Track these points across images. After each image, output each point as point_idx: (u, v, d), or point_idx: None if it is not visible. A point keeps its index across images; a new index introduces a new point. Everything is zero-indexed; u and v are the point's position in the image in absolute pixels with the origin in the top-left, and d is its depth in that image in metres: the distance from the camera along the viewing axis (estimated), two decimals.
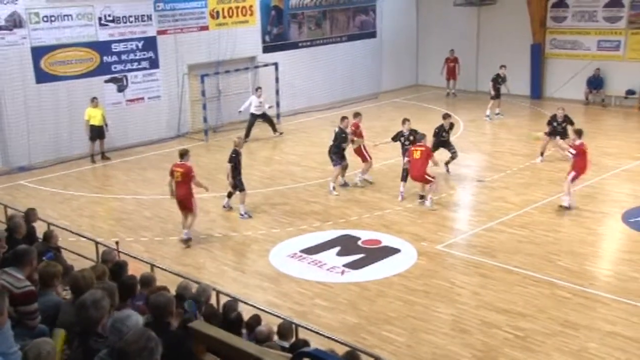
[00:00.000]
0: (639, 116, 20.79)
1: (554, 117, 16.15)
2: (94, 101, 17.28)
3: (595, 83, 22.19)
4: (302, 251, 11.61)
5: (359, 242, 11.92)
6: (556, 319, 9.10)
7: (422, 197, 13.67)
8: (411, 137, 14.27)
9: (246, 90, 21.36)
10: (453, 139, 16.06)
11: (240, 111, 19.49)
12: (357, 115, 15.49)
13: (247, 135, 18.95)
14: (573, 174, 13.09)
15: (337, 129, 14.70)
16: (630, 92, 21.56)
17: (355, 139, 14.84)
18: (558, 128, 15.90)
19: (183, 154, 12.07)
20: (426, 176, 13.43)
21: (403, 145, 14.52)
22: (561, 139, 15.21)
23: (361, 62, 24.50)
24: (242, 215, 13.18)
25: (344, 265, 11.01)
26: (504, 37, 23.80)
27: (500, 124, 20.36)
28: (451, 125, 15.68)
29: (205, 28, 20.19)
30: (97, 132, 17.35)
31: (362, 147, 14.97)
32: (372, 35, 24.89)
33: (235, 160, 13.07)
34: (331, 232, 12.40)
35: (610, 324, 8.95)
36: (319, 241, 12.00)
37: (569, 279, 10.20)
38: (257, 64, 21.40)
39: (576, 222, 12.52)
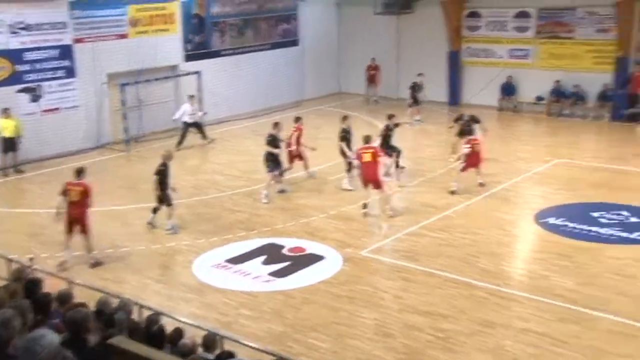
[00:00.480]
0: (548, 121, 21.78)
1: (460, 117, 17.37)
2: (5, 112, 16.67)
3: (508, 90, 23.12)
4: (227, 261, 11.56)
5: (284, 250, 11.98)
6: (475, 319, 9.43)
7: (365, 205, 13.52)
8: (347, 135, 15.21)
9: (169, 99, 21.10)
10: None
11: (174, 119, 19.34)
12: (298, 119, 16.08)
13: (180, 143, 18.79)
14: (464, 164, 14.50)
15: (268, 135, 14.72)
16: (540, 99, 22.59)
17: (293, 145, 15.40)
18: (465, 127, 16.62)
19: (80, 172, 11.55)
20: (380, 180, 13.38)
21: (349, 142, 15.13)
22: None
23: (284, 70, 24.63)
24: (168, 229, 12.91)
25: (269, 274, 11.03)
26: (423, 45, 24.47)
27: (421, 130, 20.90)
28: (396, 125, 16.12)
29: (124, 36, 19.82)
30: (9, 144, 16.73)
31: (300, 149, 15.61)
32: (295, 43, 25.08)
33: (162, 174, 12.81)
34: (256, 241, 12.40)
35: (524, 321, 9.35)
36: (244, 250, 11.98)
37: (487, 280, 10.59)
38: (179, 73, 21.16)
39: (493, 224, 13.01)
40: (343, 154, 15.28)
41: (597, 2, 20.86)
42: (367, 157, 13.44)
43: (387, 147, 15.51)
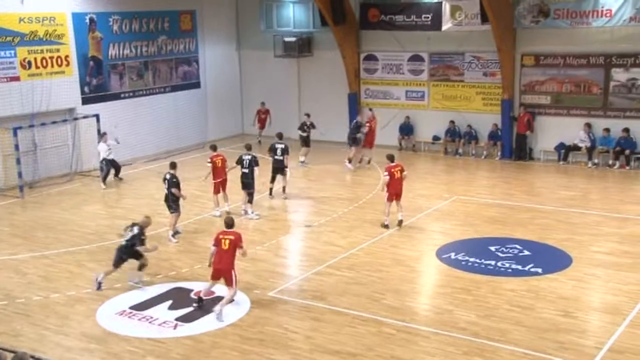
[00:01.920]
0: (445, 160, 22.78)
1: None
2: None
3: (406, 130, 24.03)
4: (132, 307, 11.23)
5: (191, 294, 11.77)
6: (383, 355, 9.61)
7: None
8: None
9: (66, 143, 20.43)
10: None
11: (100, 161, 19.46)
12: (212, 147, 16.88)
13: (104, 179, 19.24)
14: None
15: (168, 176, 14.56)
16: (436, 138, 23.63)
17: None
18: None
19: (231, 224, 11.19)
20: None
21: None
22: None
23: (186, 112, 24.51)
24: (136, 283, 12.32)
25: (176, 319, 10.80)
26: (323, 86, 25.10)
27: (324, 170, 21.25)
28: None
29: (16, 78, 19.11)
30: None
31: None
32: (196, 85, 25.05)
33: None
34: (162, 286, 12.13)
35: (430, 356, 9.62)
36: (149, 296, 11.69)
37: (393, 316, 10.84)
38: (77, 116, 20.57)
39: (397, 261, 13.37)
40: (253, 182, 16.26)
41: (482, 49, 22.22)
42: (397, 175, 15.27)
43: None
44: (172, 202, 14.55)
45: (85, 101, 21.07)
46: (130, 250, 12.09)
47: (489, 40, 21.48)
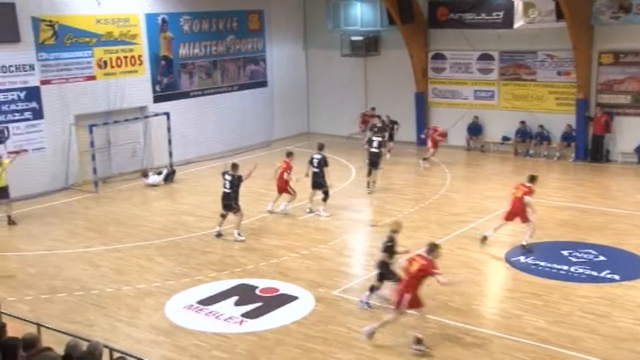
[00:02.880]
0: (514, 161, 22.22)
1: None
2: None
3: (475, 130, 23.58)
4: (199, 302, 11.42)
5: (256, 291, 11.88)
6: (448, 358, 9.43)
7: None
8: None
9: (137, 141, 21.03)
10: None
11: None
12: (289, 154, 16.63)
13: None
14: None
15: (229, 177, 14.73)
16: (506, 139, 23.08)
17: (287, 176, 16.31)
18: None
19: (432, 249, 9.83)
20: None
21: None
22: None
23: (253, 111, 24.79)
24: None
25: (241, 315, 10.92)
26: (390, 86, 24.91)
27: (390, 170, 21.08)
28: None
29: (92, 78, 19.77)
30: (2, 193, 15.88)
31: (288, 184, 16.23)
32: (263, 84, 25.30)
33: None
34: (228, 282, 12.29)
35: None
36: (216, 291, 11.85)
37: (459, 319, 10.63)
38: (148, 114, 21.13)
39: (463, 263, 13.12)
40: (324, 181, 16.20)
41: (556, 46, 21.57)
42: (517, 194, 13.63)
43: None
44: (235, 202, 14.57)
45: (157, 99, 21.60)
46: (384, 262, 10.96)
47: (563, 37, 20.81)
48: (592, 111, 21.40)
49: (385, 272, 10.98)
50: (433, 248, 9.80)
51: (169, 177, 19.89)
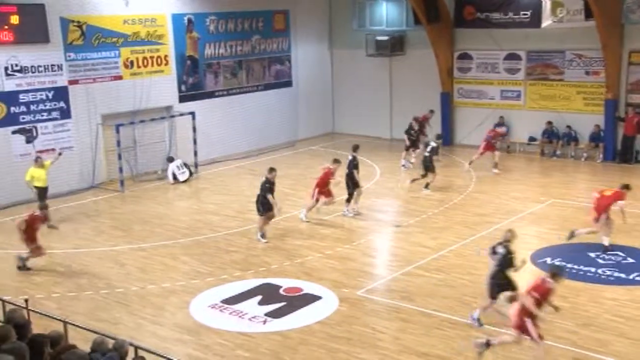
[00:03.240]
0: (541, 162, 21.94)
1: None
2: (38, 161, 16.02)
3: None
4: (223, 301, 11.45)
5: (280, 290, 11.89)
6: None
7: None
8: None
9: (163, 140, 21.19)
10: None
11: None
12: (336, 161, 16.14)
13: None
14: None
15: (263, 179, 14.61)
16: (532, 139, 22.81)
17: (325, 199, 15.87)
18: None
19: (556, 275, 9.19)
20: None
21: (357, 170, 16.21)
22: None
23: (278, 110, 24.83)
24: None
25: (265, 314, 10.93)
26: (415, 86, 24.78)
27: (414, 170, 20.93)
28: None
29: (118, 77, 19.96)
30: (43, 194, 15.88)
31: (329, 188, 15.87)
32: (288, 84, 25.33)
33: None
34: (252, 281, 12.31)
35: None
36: (240, 291, 11.88)
37: (485, 321, 10.50)
38: (174, 113, 21.28)
39: (489, 264, 12.95)
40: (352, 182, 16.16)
41: (585, 46, 21.27)
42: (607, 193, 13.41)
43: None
44: (262, 204, 14.53)
45: (182, 99, 21.73)
46: (501, 275, 10.31)
47: (592, 37, 20.52)
48: (621, 111, 21.05)
49: (502, 284, 10.21)
50: (557, 273, 9.13)
51: (188, 177, 20.09)
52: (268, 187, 14.51)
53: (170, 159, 20.23)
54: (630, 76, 20.85)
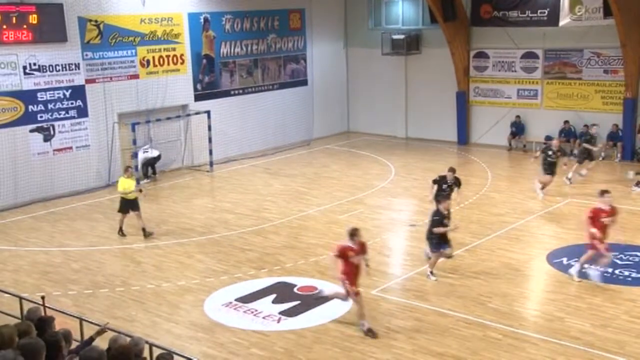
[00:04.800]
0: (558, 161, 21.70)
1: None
2: (128, 171, 15.07)
3: (517, 129, 23.18)
4: (237, 300, 11.47)
5: (295, 289, 11.89)
6: None
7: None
8: (452, 185, 13.99)
9: (178, 139, 21.28)
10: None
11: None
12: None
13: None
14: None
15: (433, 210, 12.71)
16: (549, 138, 22.54)
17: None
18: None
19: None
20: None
21: (442, 190, 13.85)
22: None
23: (293, 109, 24.85)
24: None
25: (279, 313, 10.93)
26: (431, 84, 24.68)
27: (429, 169, 20.86)
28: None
29: (135, 76, 20.07)
30: (131, 204, 14.87)
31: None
32: (304, 83, 25.33)
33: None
34: (266, 280, 12.32)
35: None
36: (254, 289, 11.90)
37: (500, 320, 10.45)
38: (189, 112, 21.36)
39: (504, 264, 12.90)
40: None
41: (604, 44, 21.06)
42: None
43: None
44: (431, 239, 12.38)
45: (198, 98, 21.82)
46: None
47: (611, 35, 20.32)
48: None
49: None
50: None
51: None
52: (436, 219, 12.30)
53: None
54: None
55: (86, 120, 19.03)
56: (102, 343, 7.17)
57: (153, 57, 20.50)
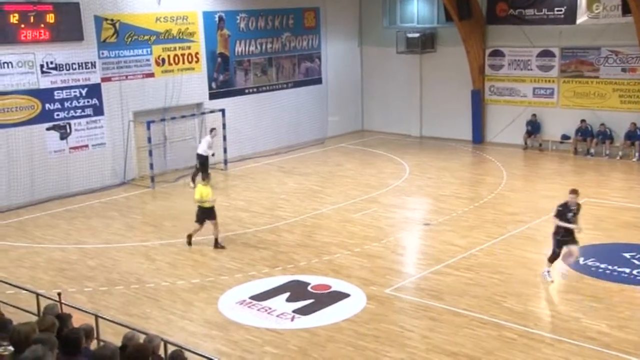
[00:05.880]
0: (574, 160, 21.58)
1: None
2: (206, 179, 14.53)
3: (533, 128, 23.02)
4: (251, 298, 11.49)
5: (309, 288, 11.88)
6: None
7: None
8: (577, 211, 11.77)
9: (192, 137, 21.35)
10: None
11: (212, 154, 19.06)
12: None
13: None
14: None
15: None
16: (565, 137, 22.45)
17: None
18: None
19: None
20: None
21: (568, 221, 11.66)
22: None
23: (307, 108, 24.84)
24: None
25: (293, 311, 10.93)
26: (446, 83, 24.57)
27: (444, 168, 20.79)
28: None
29: (150, 75, 20.15)
30: (207, 213, 14.04)
31: None
32: (318, 81, 25.32)
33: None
34: (280, 278, 12.33)
35: None
36: (268, 287, 11.91)
37: (515, 320, 10.38)
38: (204, 110, 21.42)
39: (519, 263, 12.82)
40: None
41: (622, 42, 20.85)
42: None
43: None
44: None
45: (212, 96, 21.88)
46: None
47: (630, 33, 20.11)
48: None
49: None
50: None
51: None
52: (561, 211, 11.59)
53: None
54: None
55: (102, 118, 19.14)
56: (116, 339, 7.21)
57: (168, 56, 20.57)
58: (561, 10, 21.93)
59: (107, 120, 19.24)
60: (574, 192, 11.85)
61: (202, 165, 18.54)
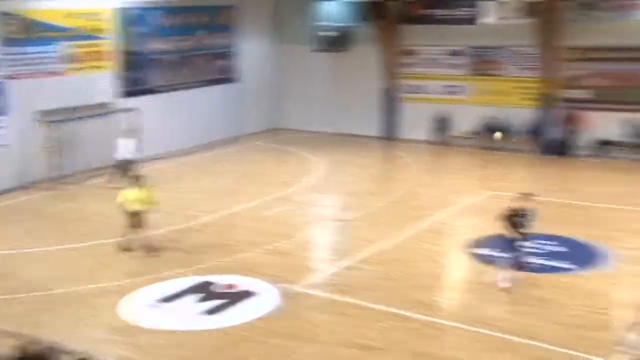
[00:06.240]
0: (480, 155, 22.32)
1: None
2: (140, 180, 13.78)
3: (442, 125, 23.68)
4: (159, 300, 11.30)
5: (219, 287, 11.81)
6: (409, 351, 9.49)
7: None
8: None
9: (101, 136, 20.71)
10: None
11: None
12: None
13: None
14: None
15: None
16: (473, 133, 23.24)
17: None
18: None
19: None
20: None
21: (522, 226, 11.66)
22: None
23: (222, 106, 24.64)
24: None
25: (204, 312, 10.84)
26: (360, 81, 24.94)
27: (357, 165, 21.11)
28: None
29: (58, 73, 19.45)
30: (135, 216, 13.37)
31: None
32: (233, 80, 25.15)
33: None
34: (191, 279, 12.17)
35: (456, 350, 9.49)
36: (178, 289, 11.72)
37: (420, 311, 10.67)
38: (114, 109, 20.86)
39: (427, 256, 13.20)
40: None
41: (523, 42, 21.83)
42: None
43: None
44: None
45: (123, 95, 21.34)
46: None
47: (529, 35, 21.07)
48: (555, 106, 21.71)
49: None
50: None
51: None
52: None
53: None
54: (566, 72, 21.50)
55: (4, 118, 18.30)
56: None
57: (77, 53, 19.92)
58: (469, 11, 22.76)
59: (10, 121, 18.39)
60: (523, 196, 11.81)
61: (125, 169, 17.83)
